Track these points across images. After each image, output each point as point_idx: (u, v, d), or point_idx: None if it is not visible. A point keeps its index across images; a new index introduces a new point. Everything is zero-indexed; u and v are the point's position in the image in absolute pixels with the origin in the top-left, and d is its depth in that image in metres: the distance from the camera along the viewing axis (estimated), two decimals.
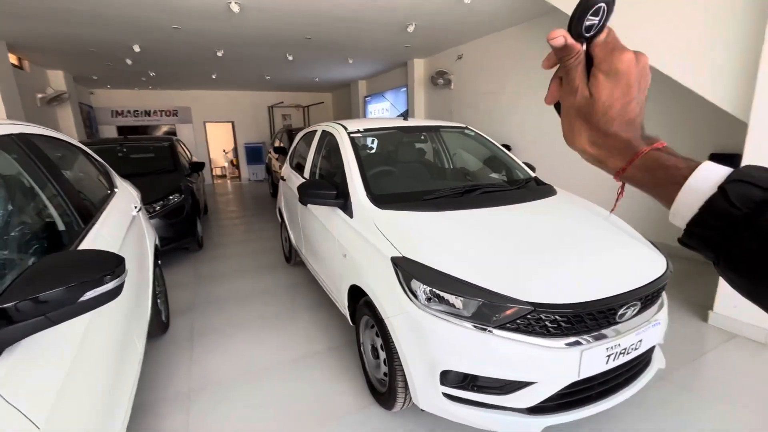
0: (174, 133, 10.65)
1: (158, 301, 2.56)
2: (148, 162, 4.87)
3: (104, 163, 2.54)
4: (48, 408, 0.85)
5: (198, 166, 5.35)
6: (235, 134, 11.92)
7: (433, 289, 1.51)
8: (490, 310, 1.43)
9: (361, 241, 1.94)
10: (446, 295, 1.48)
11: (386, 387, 1.85)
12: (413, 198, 2.10)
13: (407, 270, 1.60)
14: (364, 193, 2.12)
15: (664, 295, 1.76)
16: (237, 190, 10.37)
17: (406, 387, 1.70)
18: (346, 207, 2.18)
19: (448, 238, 1.75)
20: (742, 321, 2.49)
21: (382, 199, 2.07)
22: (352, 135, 2.56)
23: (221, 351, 2.52)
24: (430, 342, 1.49)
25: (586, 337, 1.45)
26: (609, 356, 1.45)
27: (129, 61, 6.73)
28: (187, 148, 6.63)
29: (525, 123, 5.48)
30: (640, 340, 1.54)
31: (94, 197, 1.96)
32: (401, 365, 1.66)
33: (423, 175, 2.79)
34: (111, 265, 0.96)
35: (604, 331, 1.48)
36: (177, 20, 4.58)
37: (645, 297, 1.55)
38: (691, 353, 2.34)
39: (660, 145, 0.42)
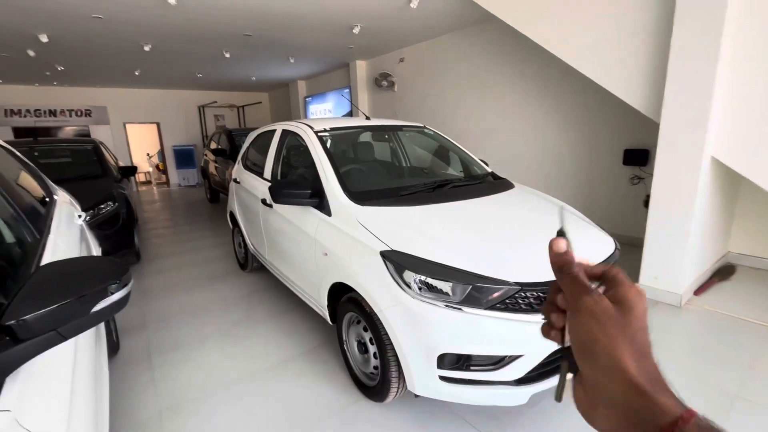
0: (88, 136, 9.46)
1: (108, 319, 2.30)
2: (69, 167, 4.31)
3: (35, 167, 2.22)
4: None
5: (129, 171, 4.86)
6: (162, 136, 10.95)
7: (427, 278, 1.58)
8: (481, 292, 1.54)
9: (345, 238, 1.94)
10: (439, 283, 1.57)
11: (377, 380, 1.88)
12: (390, 194, 2.16)
13: (399, 262, 1.65)
14: (341, 191, 2.13)
15: None
16: (167, 196, 9.54)
17: (399, 376, 1.75)
18: (323, 206, 2.17)
19: (431, 229, 1.83)
20: (662, 290, 2.95)
21: (360, 196, 2.10)
22: (319, 134, 2.54)
23: (188, 367, 2.35)
24: (427, 329, 1.56)
25: None
26: None
27: (31, 53, 5.84)
28: (110, 152, 5.97)
29: (468, 122, 5.83)
30: None
31: (40, 206, 1.72)
32: (395, 355, 1.71)
33: (390, 171, 2.86)
34: (117, 273, 0.88)
35: None
36: (100, 8, 4.11)
37: None
38: None
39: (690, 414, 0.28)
